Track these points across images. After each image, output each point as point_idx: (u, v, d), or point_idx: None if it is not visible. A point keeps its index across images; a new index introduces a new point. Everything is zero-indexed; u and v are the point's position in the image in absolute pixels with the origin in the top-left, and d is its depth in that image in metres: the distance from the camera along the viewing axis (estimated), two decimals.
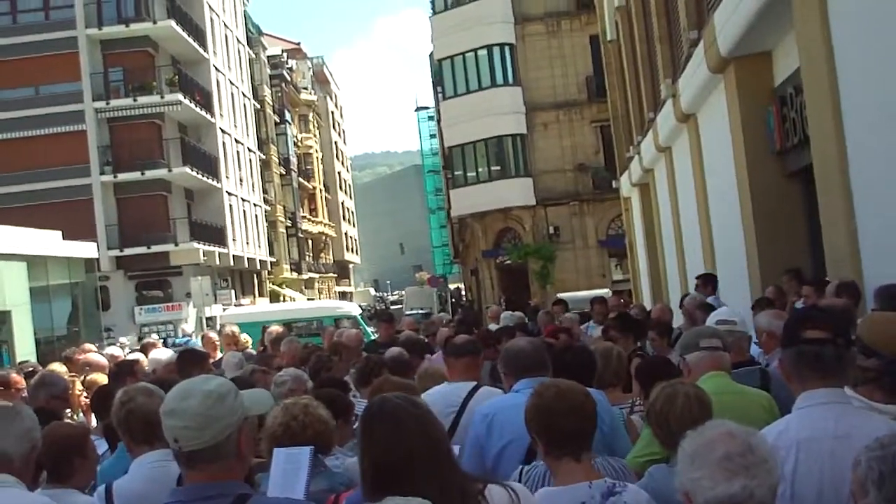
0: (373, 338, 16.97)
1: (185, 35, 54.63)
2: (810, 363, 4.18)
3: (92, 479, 5.88)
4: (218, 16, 64.01)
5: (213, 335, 16.47)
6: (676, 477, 3.34)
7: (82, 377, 11.13)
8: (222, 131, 60.79)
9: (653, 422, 4.96)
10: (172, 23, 52.56)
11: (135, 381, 7.15)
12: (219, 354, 14.78)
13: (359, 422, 3.90)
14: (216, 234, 56.48)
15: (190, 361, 9.64)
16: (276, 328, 16.51)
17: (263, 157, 75.78)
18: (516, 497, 3.76)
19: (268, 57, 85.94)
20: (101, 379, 10.36)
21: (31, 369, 11.89)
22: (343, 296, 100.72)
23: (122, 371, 9.31)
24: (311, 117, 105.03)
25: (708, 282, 16.15)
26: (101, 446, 7.01)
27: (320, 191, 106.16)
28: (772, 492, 3.20)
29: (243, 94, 70.21)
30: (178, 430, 3.62)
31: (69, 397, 8.77)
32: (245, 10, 77.04)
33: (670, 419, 4.74)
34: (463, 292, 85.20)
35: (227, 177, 60.26)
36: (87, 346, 15.10)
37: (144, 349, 14.42)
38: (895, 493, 2.91)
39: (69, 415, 8.96)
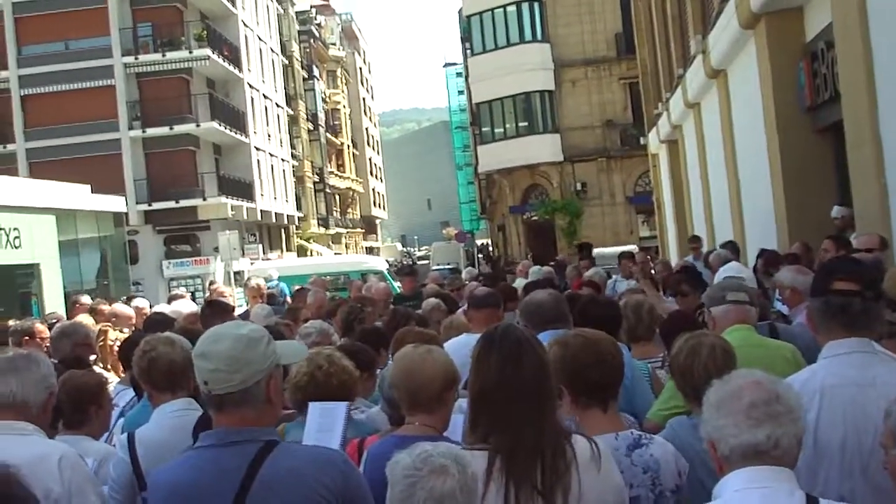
0: (399, 291, 17.03)
1: None
2: (836, 315, 4.16)
3: (107, 428, 5.96)
4: None
5: (225, 289, 16.39)
6: (702, 425, 3.33)
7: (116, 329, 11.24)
8: (250, 86, 60.70)
9: (676, 373, 4.91)
10: None
11: None
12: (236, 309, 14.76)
13: (476, 348, 3.90)
14: (244, 189, 56.50)
15: (215, 312, 9.64)
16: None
17: (291, 112, 75.73)
18: (597, 449, 3.77)
19: (296, 13, 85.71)
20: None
21: (55, 320, 11.96)
22: (370, 251, 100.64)
23: (160, 324, 9.21)
24: (339, 73, 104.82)
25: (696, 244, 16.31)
26: (127, 395, 7.08)
27: (348, 146, 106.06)
28: (797, 440, 3.20)
29: (272, 50, 70.02)
30: (208, 373, 3.63)
31: (92, 342, 8.81)
32: None
33: (694, 370, 4.70)
34: (490, 248, 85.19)
35: (254, 132, 60.20)
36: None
37: (171, 301, 14.44)
38: None
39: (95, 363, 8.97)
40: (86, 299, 15.21)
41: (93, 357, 8.78)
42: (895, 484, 3.07)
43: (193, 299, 19.42)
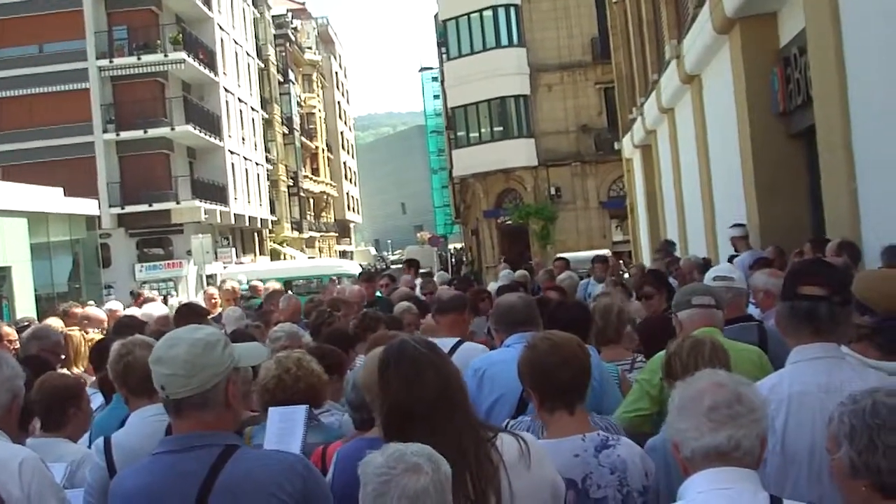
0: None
1: None
2: (803, 320, 4.17)
3: (85, 430, 5.86)
4: None
5: (213, 291, 16.50)
6: (666, 428, 3.33)
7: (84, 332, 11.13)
8: (225, 90, 60.58)
9: (678, 371, 4.76)
10: None
11: None
12: (218, 311, 14.77)
13: (378, 365, 3.92)
14: (218, 193, 56.38)
15: (189, 316, 9.60)
16: (271, 283, 16.55)
17: (266, 116, 75.59)
18: (525, 446, 3.78)
19: (272, 16, 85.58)
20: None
21: (26, 324, 11.89)
22: (343, 255, 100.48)
23: (130, 327, 9.11)
24: (314, 77, 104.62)
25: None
26: (97, 399, 7.01)
27: (323, 150, 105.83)
28: (759, 441, 3.20)
29: (247, 54, 69.92)
30: (164, 378, 3.61)
31: (60, 350, 8.71)
32: None
33: (699, 366, 4.64)
34: (464, 253, 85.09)
35: (229, 135, 60.09)
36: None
37: (141, 305, 14.39)
38: (865, 446, 2.91)
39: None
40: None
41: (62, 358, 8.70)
42: (840, 487, 3.08)
43: (165, 303, 19.40)
